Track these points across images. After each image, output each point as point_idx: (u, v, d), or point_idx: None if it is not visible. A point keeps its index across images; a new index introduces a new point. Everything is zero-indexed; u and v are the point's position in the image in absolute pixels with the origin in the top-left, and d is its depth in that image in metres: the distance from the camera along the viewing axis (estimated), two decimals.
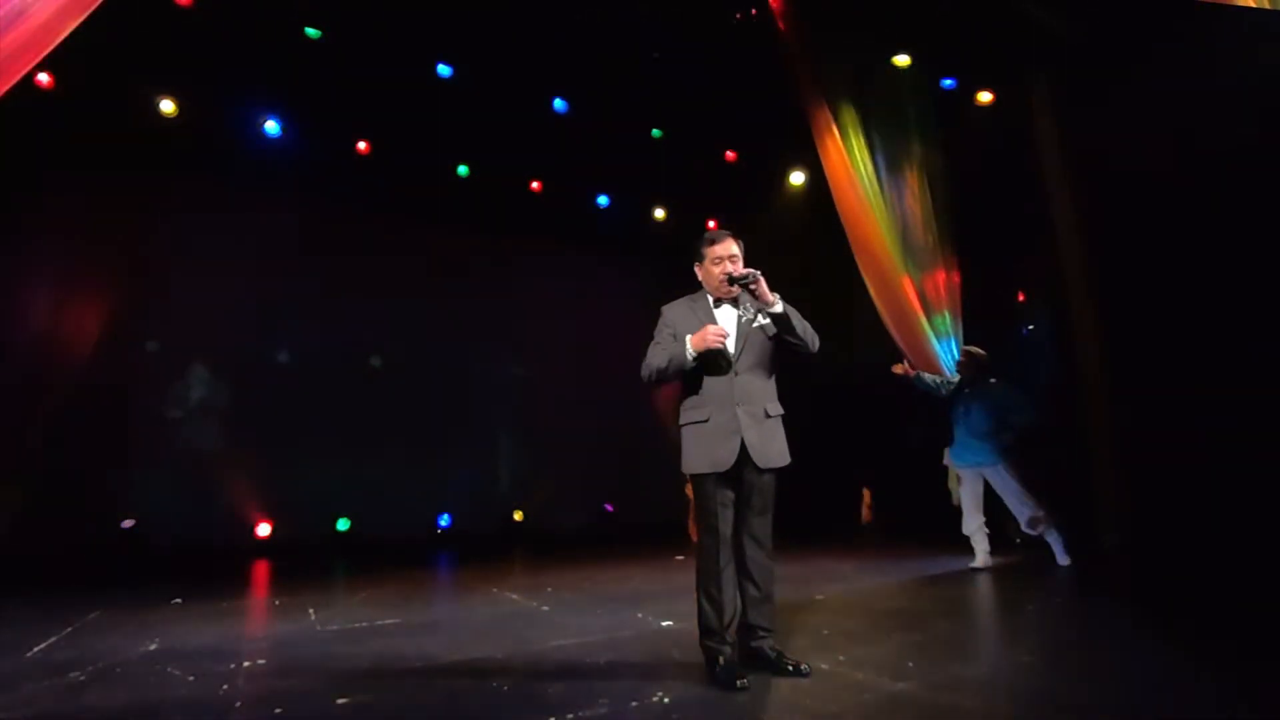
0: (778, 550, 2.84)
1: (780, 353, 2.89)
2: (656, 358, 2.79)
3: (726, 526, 2.71)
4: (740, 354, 2.79)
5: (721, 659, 2.61)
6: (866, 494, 8.82)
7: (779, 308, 2.76)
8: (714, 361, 2.76)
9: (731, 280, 2.76)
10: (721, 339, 2.70)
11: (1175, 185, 5.72)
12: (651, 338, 2.92)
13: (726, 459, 2.68)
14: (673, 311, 2.93)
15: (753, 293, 2.75)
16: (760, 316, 2.84)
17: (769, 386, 2.87)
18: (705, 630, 2.68)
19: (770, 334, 2.83)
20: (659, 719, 2.27)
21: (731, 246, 2.86)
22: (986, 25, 6.48)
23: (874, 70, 6.78)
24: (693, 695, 2.47)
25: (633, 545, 7.39)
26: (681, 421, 2.83)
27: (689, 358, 2.70)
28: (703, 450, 2.73)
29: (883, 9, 6.50)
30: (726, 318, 2.85)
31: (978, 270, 7.04)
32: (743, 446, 2.68)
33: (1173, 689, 2.49)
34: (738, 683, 2.49)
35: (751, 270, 2.73)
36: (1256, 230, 5.27)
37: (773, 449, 2.76)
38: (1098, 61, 6.43)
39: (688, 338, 2.72)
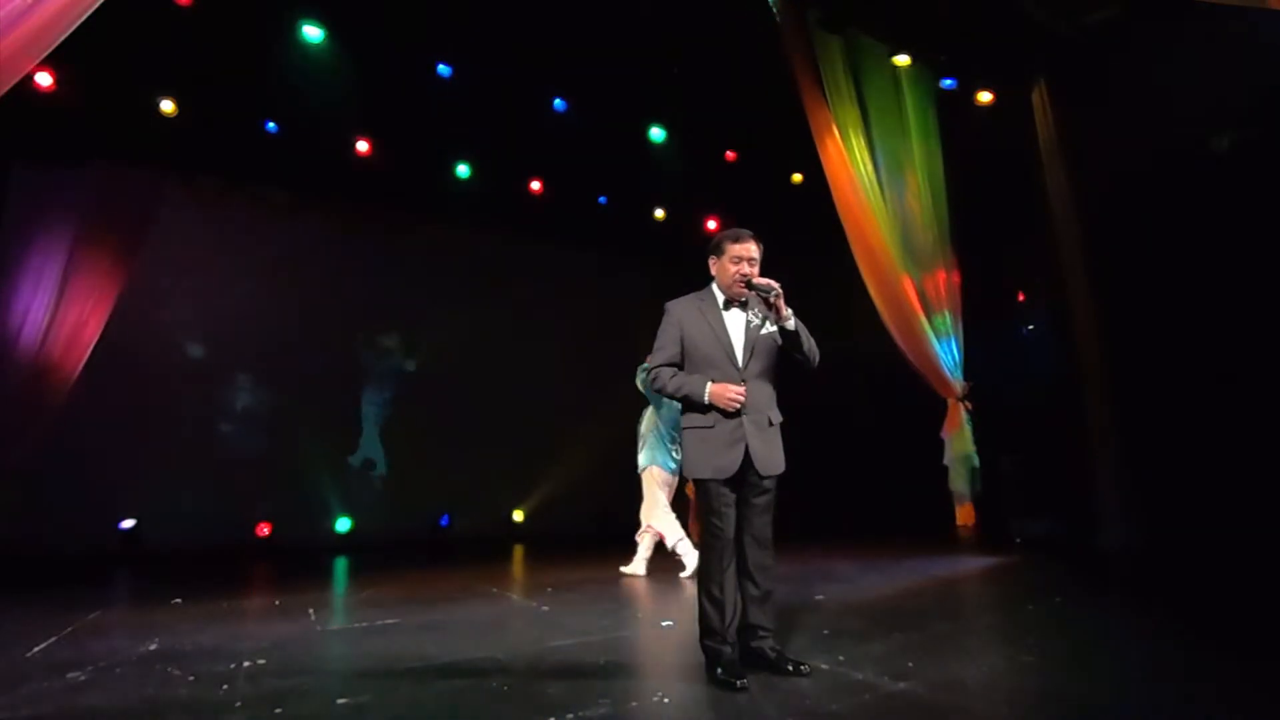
0: (777, 550, 2.84)
1: (781, 362, 2.90)
2: (671, 383, 2.78)
3: (729, 528, 2.70)
4: (748, 361, 2.78)
5: (722, 659, 2.61)
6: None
7: (791, 324, 2.75)
8: (722, 367, 2.75)
9: (750, 286, 2.75)
10: (739, 403, 2.68)
11: (1175, 184, 5.72)
12: (654, 336, 2.90)
13: (730, 466, 2.68)
14: (680, 309, 2.88)
15: (770, 304, 2.74)
16: (768, 325, 2.83)
17: (773, 394, 2.87)
18: (706, 630, 2.68)
19: (776, 343, 2.83)
20: (659, 719, 2.27)
21: (753, 248, 2.82)
22: (986, 25, 6.48)
23: (874, 70, 6.77)
24: (693, 695, 2.47)
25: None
26: (685, 425, 2.80)
27: (704, 402, 2.71)
28: (707, 456, 2.71)
29: (883, 9, 6.49)
30: (735, 321, 2.83)
31: (978, 270, 7.05)
32: (746, 454, 2.69)
33: (1173, 689, 2.49)
34: (738, 683, 2.49)
35: (774, 283, 2.71)
36: (1257, 228, 5.27)
37: (775, 457, 2.78)
38: (1098, 61, 6.44)
39: (708, 385, 2.70)
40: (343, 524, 8.18)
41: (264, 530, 7.76)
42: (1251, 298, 5.33)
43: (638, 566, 5.45)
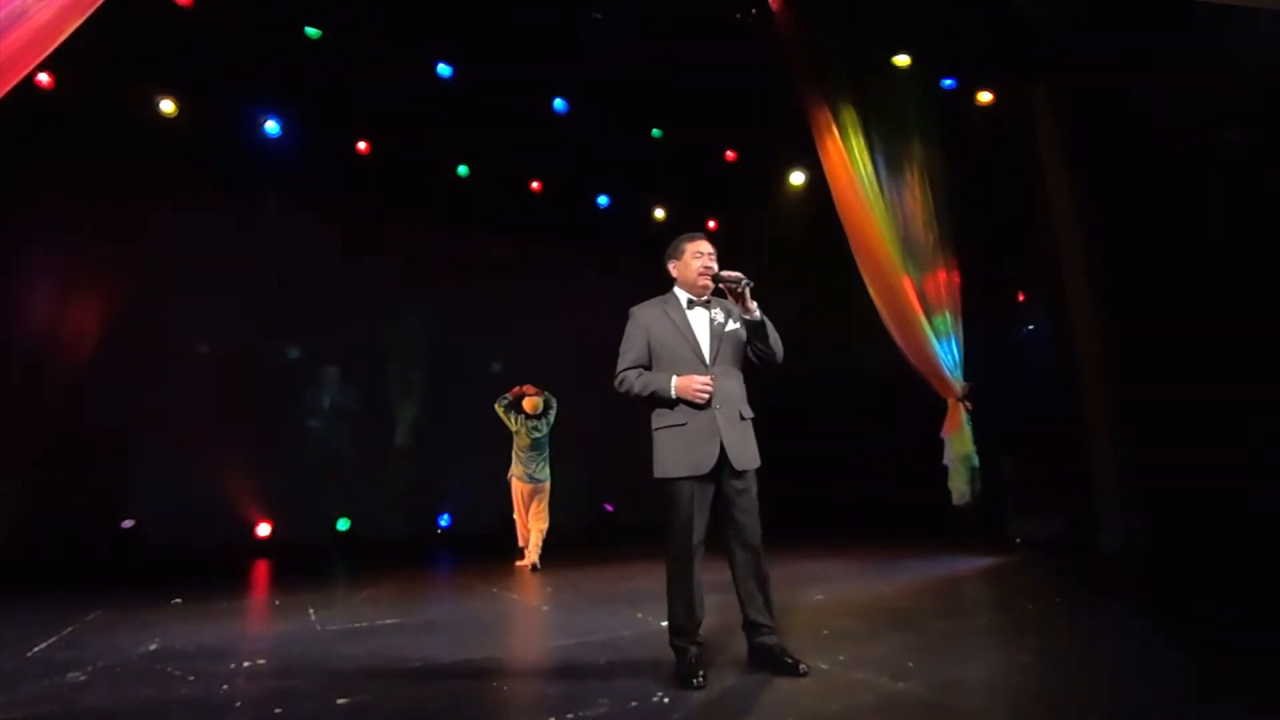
0: (776, 550, 2.84)
1: (746, 358, 2.91)
2: (638, 382, 2.78)
3: (697, 533, 2.67)
4: (716, 357, 2.79)
5: (687, 657, 2.64)
6: None
7: (757, 315, 2.77)
8: (690, 364, 2.76)
9: (718, 279, 2.77)
10: (707, 393, 2.68)
11: (1175, 185, 5.72)
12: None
13: (706, 462, 2.66)
14: (643, 313, 2.90)
15: (739, 296, 2.75)
16: (731, 321, 2.85)
17: (743, 389, 2.87)
18: (674, 630, 2.70)
19: (742, 338, 2.85)
20: (659, 719, 2.27)
21: (708, 246, 2.89)
22: (986, 25, 6.47)
23: (874, 70, 6.77)
24: (693, 695, 2.47)
25: (633, 545, 7.39)
26: (656, 425, 2.78)
27: (670, 397, 2.70)
28: (681, 454, 2.68)
29: (883, 9, 6.49)
30: (699, 318, 2.85)
31: (978, 270, 7.04)
32: (721, 449, 2.67)
33: (1173, 689, 2.49)
34: (694, 680, 2.51)
35: (744, 277, 2.73)
36: (1257, 229, 5.27)
37: (749, 451, 2.77)
38: (1098, 61, 6.43)
39: (673, 379, 2.70)
40: (343, 524, 8.17)
41: (264, 530, 7.76)
42: (1251, 297, 5.32)
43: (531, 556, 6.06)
